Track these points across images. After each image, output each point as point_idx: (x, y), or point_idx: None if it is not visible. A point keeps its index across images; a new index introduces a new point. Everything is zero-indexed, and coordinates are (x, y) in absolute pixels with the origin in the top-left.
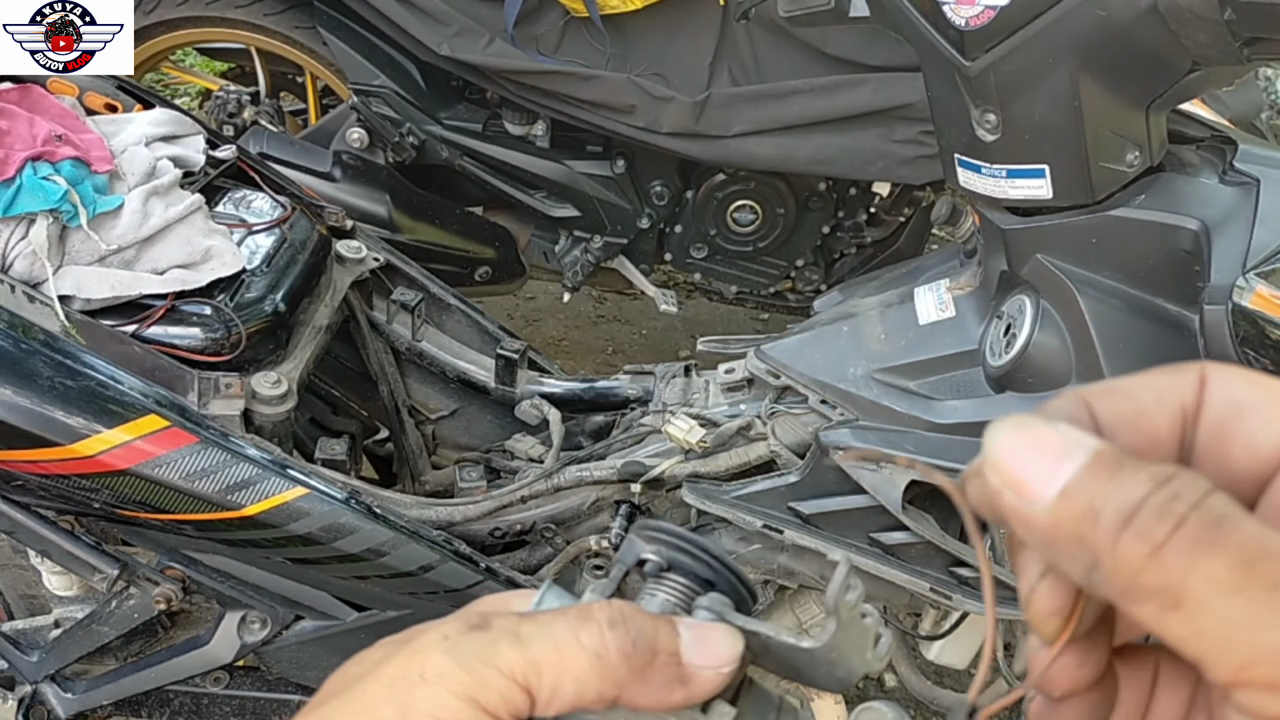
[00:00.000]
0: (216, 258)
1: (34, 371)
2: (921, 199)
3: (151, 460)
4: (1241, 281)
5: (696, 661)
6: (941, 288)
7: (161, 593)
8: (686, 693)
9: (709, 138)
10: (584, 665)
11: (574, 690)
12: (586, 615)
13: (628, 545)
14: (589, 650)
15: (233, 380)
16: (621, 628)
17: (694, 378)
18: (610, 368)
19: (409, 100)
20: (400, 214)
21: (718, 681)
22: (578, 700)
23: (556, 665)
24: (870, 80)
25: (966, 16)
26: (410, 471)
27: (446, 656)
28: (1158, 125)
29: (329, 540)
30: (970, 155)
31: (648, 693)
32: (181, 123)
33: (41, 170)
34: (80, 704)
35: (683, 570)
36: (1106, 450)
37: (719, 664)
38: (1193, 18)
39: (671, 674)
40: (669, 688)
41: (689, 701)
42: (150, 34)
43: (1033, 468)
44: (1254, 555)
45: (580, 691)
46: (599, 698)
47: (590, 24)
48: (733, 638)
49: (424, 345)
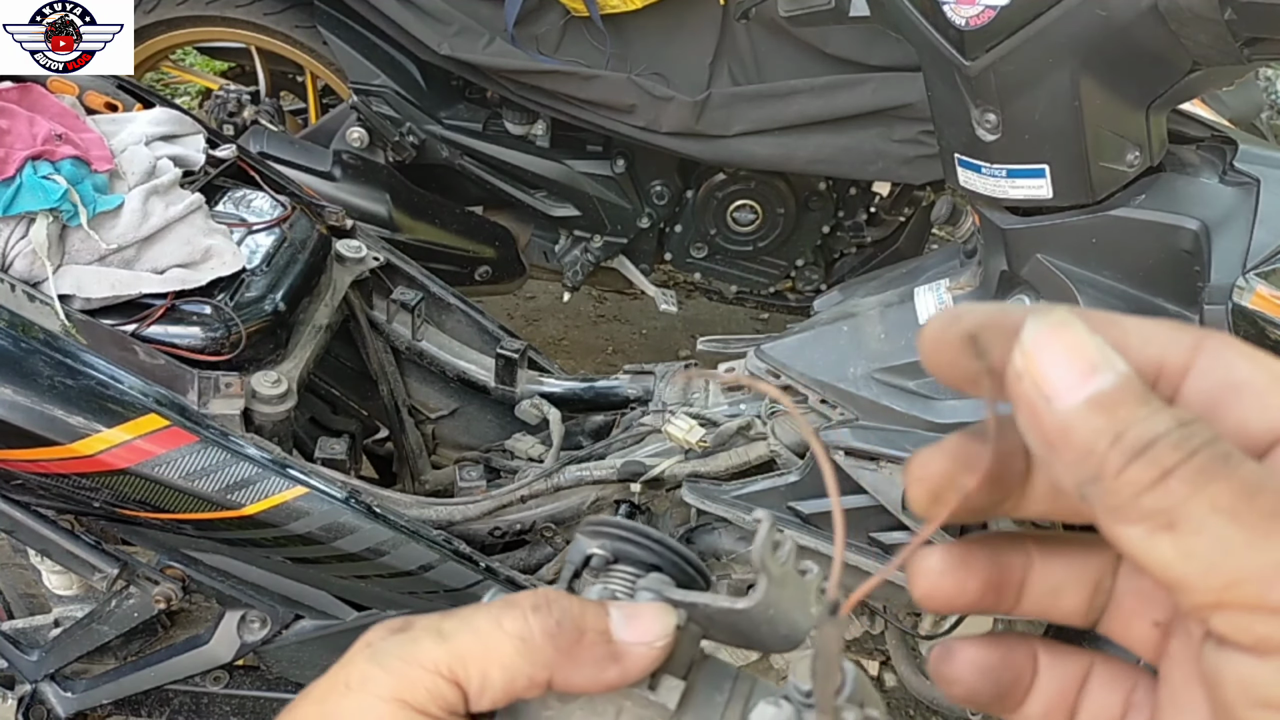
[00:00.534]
0: (216, 257)
1: (34, 371)
2: (921, 199)
3: (151, 459)
4: (1241, 282)
5: (627, 638)
6: (941, 287)
7: (161, 592)
8: (621, 670)
9: (709, 137)
10: (509, 650)
11: (502, 677)
12: (510, 603)
13: (574, 545)
14: (512, 635)
15: (232, 379)
16: (545, 610)
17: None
18: (610, 367)
19: (409, 100)
20: (400, 213)
21: (652, 657)
22: (509, 687)
23: (481, 654)
24: (870, 80)
25: (967, 16)
26: (410, 471)
27: (369, 663)
28: (1158, 125)
29: (329, 540)
30: (970, 155)
31: (580, 672)
32: (181, 122)
33: (41, 169)
34: (80, 703)
35: (629, 560)
36: (1135, 378)
37: (650, 638)
38: (1193, 18)
39: (602, 652)
40: (601, 666)
41: (625, 679)
42: (150, 33)
43: (1062, 368)
44: (1256, 487)
45: (510, 678)
46: (530, 682)
47: (590, 23)
48: (664, 612)
49: (424, 345)
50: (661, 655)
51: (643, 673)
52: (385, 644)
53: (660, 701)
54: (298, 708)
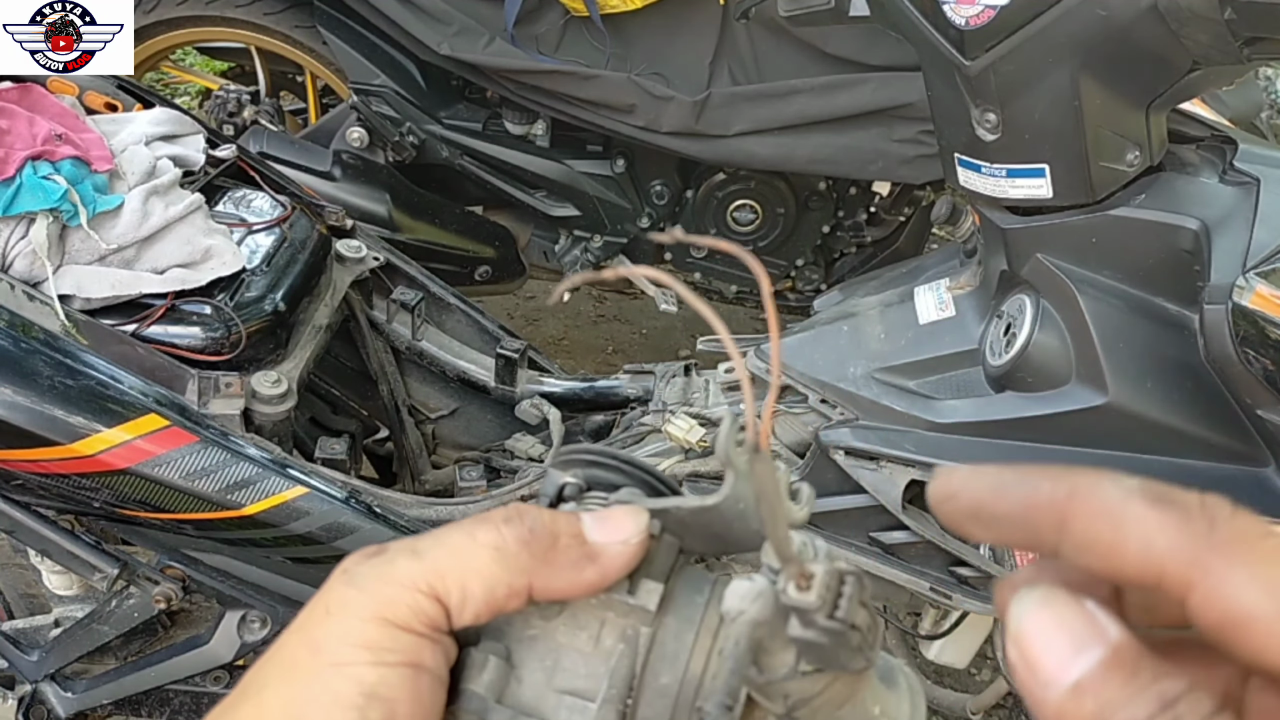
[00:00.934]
0: (216, 257)
1: (34, 371)
2: (921, 198)
3: (151, 459)
4: (1241, 281)
5: (600, 538)
6: (941, 287)
7: (161, 592)
8: (599, 569)
9: (709, 137)
10: (485, 560)
11: (481, 587)
12: (482, 518)
13: (547, 479)
14: (486, 545)
15: (232, 379)
16: (517, 520)
17: (694, 377)
18: (610, 367)
19: (409, 99)
20: (400, 213)
21: (627, 555)
22: (489, 597)
23: (458, 567)
24: (870, 80)
25: (966, 16)
26: (410, 471)
27: (347, 586)
28: (1158, 125)
29: (329, 539)
30: (970, 155)
31: (558, 576)
32: (181, 122)
33: (41, 169)
34: (80, 703)
35: (602, 485)
36: (1124, 647)
37: (622, 537)
38: (1193, 17)
39: (577, 554)
40: (578, 567)
41: (603, 578)
42: (150, 33)
43: (1051, 651)
44: None
45: (489, 587)
46: (510, 590)
47: (590, 23)
48: (635, 512)
49: (424, 344)
50: (636, 553)
51: (620, 572)
52: (361, 568)
53: (640, 604)
54: (283, 641)
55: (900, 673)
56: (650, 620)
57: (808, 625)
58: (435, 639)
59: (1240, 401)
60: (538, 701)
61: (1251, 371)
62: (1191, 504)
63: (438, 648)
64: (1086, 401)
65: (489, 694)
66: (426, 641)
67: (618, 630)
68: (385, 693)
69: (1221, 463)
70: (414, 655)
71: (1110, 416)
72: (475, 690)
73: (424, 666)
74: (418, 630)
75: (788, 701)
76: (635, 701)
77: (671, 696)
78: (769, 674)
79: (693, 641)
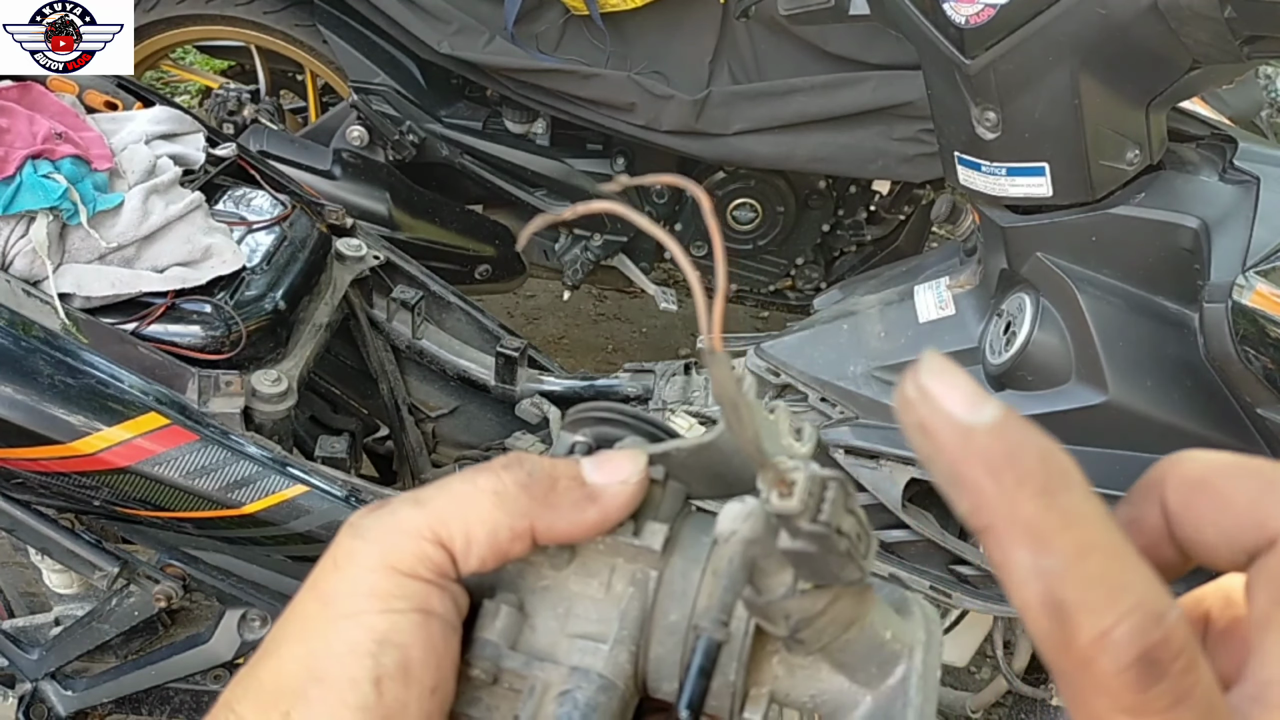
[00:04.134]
0: (217, 255)
1: (34, 369)
2: (921, 197)
3: (152, 458)
4: (1241, 279)
5: (599, 479)
6: (941, 286)
7: (162, 590)
8: (600, 509)
9: (709, 136)
10: (486, 505)
11: (484, 531)
12: (483, 466)
13: (558, 440)
14: (486, 490)
15: (233, 378)
16: (516, 465)
17: (694, 376)
18: (610, 366)
19: (409, 98)
20: (400, 212)
21: (627, 494)
22: (493, 540)
23: (460, 512)
24: (870, 78)
25: (966, 14)
26: (410, 469)
27: (352, 539)
28: (1158, 123)
29: (329, 538)
30: (970, 153)
31: (559, 517)
32: (181, 120)
33: (41, 168)
34: (80, 701)
35: (610, 441)
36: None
37: (622, 476)
38: (1193, 16)
39: (577, 494)
40: (578, 508)
41: (605, 518)
42: (150, 32)
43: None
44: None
45: (491, 530)
46: (512, 533)
47: (590, 22)
48: (633, 454)
49: (424, 343)
50: (636, 493)
51: (621, 511)
52: (366, 520)
53: (645, 544)
54: (297, 599)
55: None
56: (656, 561)
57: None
58: (443, 585)
59: (1240, 400)
60: (551, 647)
61: (1251, 370)
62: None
63: (446, 594)
64: (1086, 400)
65: (502, 640)
66: (434, 588)
67: (627, 575)
68: (397, 639)
69: None
70: (423, 601)
71: (1110, 415)
72: (488, 638)
73: (434, 612)
74: (424, 577)
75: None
76: (646, 640)
77: (680, 633)
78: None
79: (699, 579)
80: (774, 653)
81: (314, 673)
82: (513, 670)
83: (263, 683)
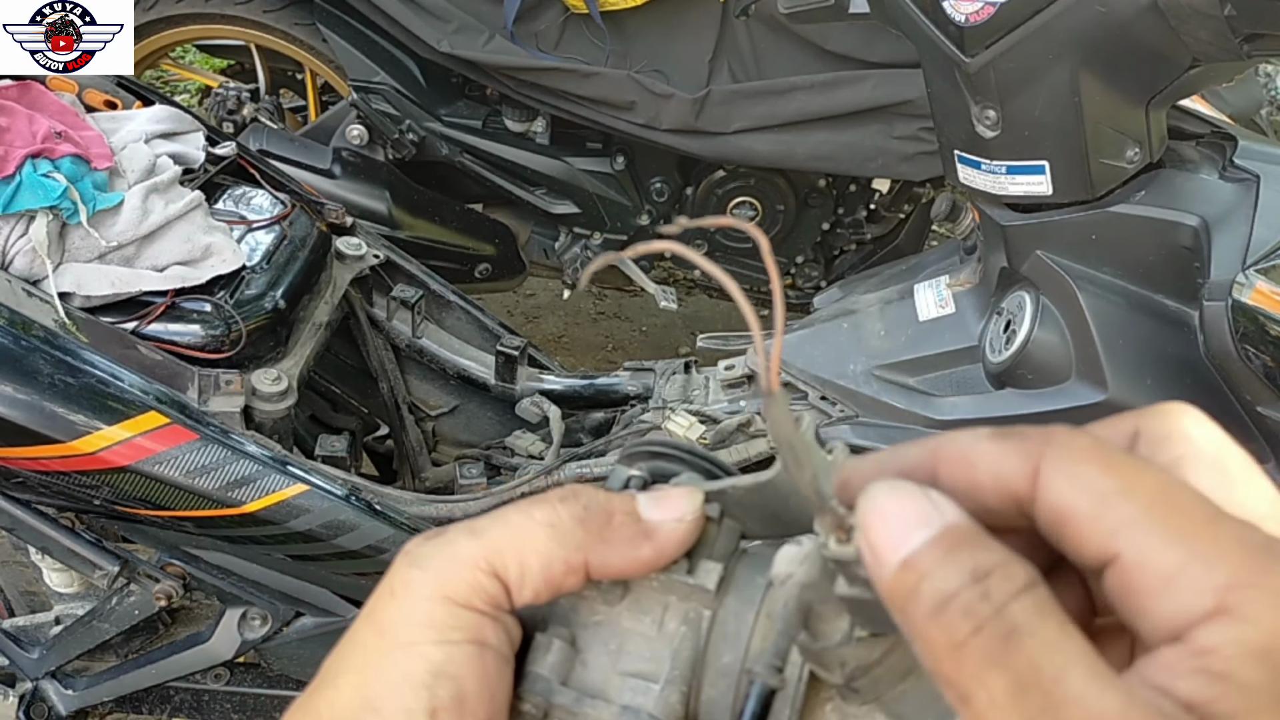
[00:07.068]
0: (216, 255)
1: (34, 369)
2: (921, 195)
3: (152, 457)
4: (1241, 278)
5: (655, 516)
6: (941, 284)
7: (162, 589)
8: (654, 547)
9: (709, 134)
10: (541, 537)
11: (538, 563)
12: (538, 498)
13: (612, 474)
14: (542, 523)
15: (233, 377)
16: (572, 499)
17: (694, 374)
18: (610, 364)
19: (409, 97)
20: (400, 211)
21: (682, 532)
22: (547, 573)
23: (515, 544)
24: (870, 77)
25: (966, 13)
26: (410, 468)
27: (409, 567)
28: (1158, 121)
29: (329, 537)
30: (970, 151)
31: (614, 553)
32: (181, 120)
33: (41, 167)
34: (81, 701)
35: (666, 477)
36: (956, 526)
37: (677, 514)
38: (1193, 14)
39: (632, 531)
40: (633, 544)
41: (660, 556)
42: (150, 31)
43: (889, 532)
44: (1028, 682)
45: (546, 563)
46: (567, 567)
47: (590, 20)
48: (690, 492)
49: (424, 342)
50: (691, 531)
51: (675, 549)
52: (423, 549)
53: (699, 584)
54: (354, 628)
55: None
56: (710, 601)
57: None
58: (497, 617)
59: (1240, 398)
60: (602, 684)
61: (1251, 368)
62: (1031, 433)
63: (500, 626)
64: (1086, 398)
65: (554, 676)
66: (489, 619)
67: (680, 614)
68: (452, 670)
69: None
70: (477, 633)
71: (1110, 413)
72: (540, 673)
73: (488, 644)
74: (479, 608)
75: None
76: (698, 681)
77: (733, 676)
78: (823, 641)
79: (753, 621)
80: (828, 700)
81: (370, 703)
82: (563, 706)
83: (319, 712)
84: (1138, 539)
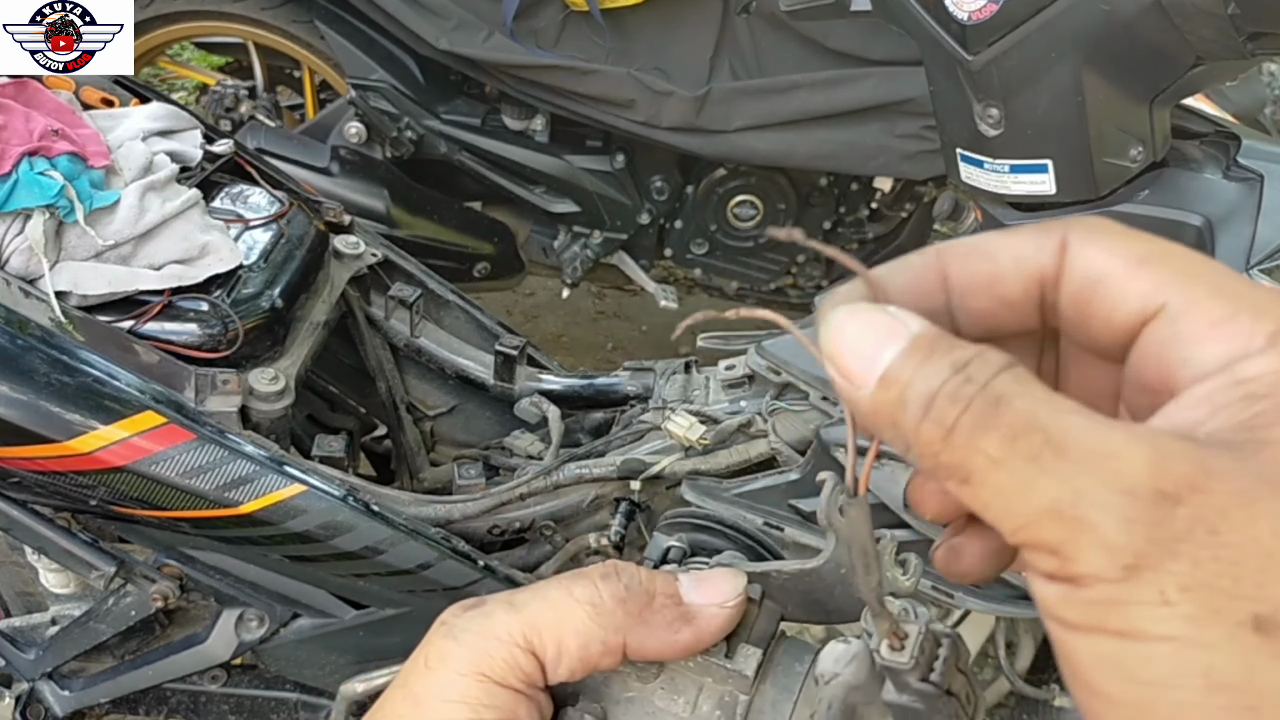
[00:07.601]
0: (213, 253)
1: (30, 367)
2: (923, 194)
3: (148, 457)
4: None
5: (696, 600)
6: None
7: (159, 590)
8: (694, 631)
9: (709, 132)
10: (581, 616)
11: (577, 643)
12: (579, 573)
13: (652, 543)
14: (583, 602)
15: (230, 377)
16: (614, 577)
17: (694, 374)
18: (610, 364)
19: (407, 95)
20: (398, 209)
21: (723, 617)
22: (584, 653)
23: (554, 621)
24: (872, 75)
25: (969, 10)
26: (408, 469)
27: (445, 639)
28: (1161, 120)
29: (327, 538)
30: (973, 150)
31: (653, 635)
32: (178, 117)
33: (38, 165)
34: (77, 701)
35: (706, 550)
36: (924, 334)
37: (719, 599)
38: (1196, 12)
39: (673, 614)
40: (673, 627)
41: (699, 640)
42: (147, 28)
43: (859, 353)
44: (1019, 430)
45: (583, 643)
46: (605, 648)
47: (590, 18)
48: (733, 574)
49: (422, 342)
50: (732, 617)
51: (715, 635)
52: (460, 620)
53: (738, 669)
54: (386, 695)
55: None
56: (748, 687)
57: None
58: (531, 695)
59: None
60: None
61: None
62: (1048, 220)
63: (533, 704)
64: None
65: None
66: (523, 698)
67: (715, 696)
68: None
69: None
70: (510, 711)
71: None
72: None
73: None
74: (514, 686)
75: None
76: None
77: None
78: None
79: (790, 711)
80: None
81: None
82: None
83: None
84: (1184, 290)
